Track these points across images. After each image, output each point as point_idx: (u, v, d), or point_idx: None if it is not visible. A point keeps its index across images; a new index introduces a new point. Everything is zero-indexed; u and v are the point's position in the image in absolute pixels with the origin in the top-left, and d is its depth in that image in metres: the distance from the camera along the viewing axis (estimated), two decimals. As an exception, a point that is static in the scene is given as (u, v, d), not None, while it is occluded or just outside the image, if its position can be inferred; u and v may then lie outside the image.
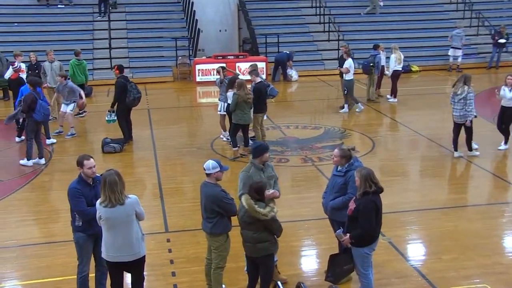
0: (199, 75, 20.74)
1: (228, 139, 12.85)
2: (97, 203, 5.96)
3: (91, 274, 6.65)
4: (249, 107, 11.75)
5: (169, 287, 7.19)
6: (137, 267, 6.17)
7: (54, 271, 7.57)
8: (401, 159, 12.35)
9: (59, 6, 23.84)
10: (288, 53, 21.14)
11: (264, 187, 6.28)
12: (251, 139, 12.39)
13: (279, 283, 6.84)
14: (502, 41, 22.26)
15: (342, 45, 17.68)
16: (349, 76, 15.49)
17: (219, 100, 13.19)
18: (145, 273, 6.38)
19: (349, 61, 15.48)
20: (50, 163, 12.06)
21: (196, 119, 16.80)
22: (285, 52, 21.30)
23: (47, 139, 13.19)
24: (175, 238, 8.53)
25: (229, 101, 12.19)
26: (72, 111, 13.99)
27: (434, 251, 8.07)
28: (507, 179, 10.90)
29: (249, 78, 12.77)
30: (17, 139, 13.49)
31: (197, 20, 21.82)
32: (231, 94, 12.02)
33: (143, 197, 9.71)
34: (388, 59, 17.27)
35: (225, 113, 12.83)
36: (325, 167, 11.28)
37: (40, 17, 23.31)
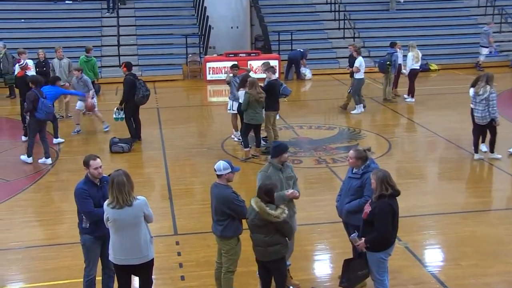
0: (209, 73, 20.75)
1: (239, 139, 12.87)
2: (105, 204, 5.98)
3: (98, 277, 6.68)
4: (261, 106, 11.75)
5: (178, 291, 7.21)
6: (145, 271, 6.18)
7: (60, 273, 7.61)
8: (418, 161, 12.29)
9: (66, 2, 23.99)
10: (301, 51, 21.11)
11: (273, 188, 6.28)
12: (263, 140, 12.40)
13: (292, 288, 6.85)
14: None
15: (350, 44, 17.61)
16: (359, 75, 15.47)
17: (229, 98, 13.24)
18: (153, 277, 6.41)
19: (360, 59, 15.46)
20: (57, 163, 12.14)
21: (206, 119, 16.84)
22: (298, 50, 21.28)
23: (54, 139, 13.29)
24: (184, 241, 8.55)
25: (240, 100, 12.20)
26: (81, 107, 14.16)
27: (452, 257, 8.02)
28: (530, 183, 10.84)
29: (264, 76, 12.77)
30: (23, 138, 13.57)
31: (208, 16, 21.86)
32: (242, 93, 12.03)
33: (152, 198, 9.73)
34: (405, 57, 17.17)
35: (236, 112, 12.86)
36: (339, 169, 11.27)
37: (47, 13, 23.48)
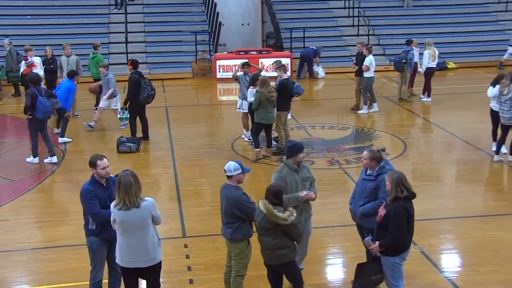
0: (219, 71, 20.78)
1: (249, 139, 12.87)
2: (112, 205, 5.99)
3: (104, 280, 6.70)
4: (272, 106, 11.73)
5: (186, 295, 7.23)
6: (152, 274, 6.18)
7: (65, 276, 7.64)
8: (435, 162, 12.22)
9: (74, -3, 24.15)
10: (314, 48, 21.08)
11: (282, 190, 6.28)
12: (274, 140, 12.39)
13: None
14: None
15: (358, 42, 17.55)
16: (369, 73, 15.42)
17: (238, 97, 13.24)
18: (161, 280, 6.42)
19: (370, 57, 15.41)
20: (63, 163, 12.20)
21: (216, 118, 16.85)
22: (311, 47, 21.27)
23: (60, 138, 13.36)
24: (192, 243, 8.55)
25: (248, 99, 12.19)
26: (116, 106, 14.28)
27: (470, 263, 7.96)
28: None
29: (275, 74, 12.76)
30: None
31: (218, 13, 21.89)
32: (251, 91, 12.02)
33: (159, 199, 9.73)
34: (421, 55, 17.11)
35: (247, 111, 12.86)
36: (352, 170, 11.24)
37: (54, 9, 23.63)
